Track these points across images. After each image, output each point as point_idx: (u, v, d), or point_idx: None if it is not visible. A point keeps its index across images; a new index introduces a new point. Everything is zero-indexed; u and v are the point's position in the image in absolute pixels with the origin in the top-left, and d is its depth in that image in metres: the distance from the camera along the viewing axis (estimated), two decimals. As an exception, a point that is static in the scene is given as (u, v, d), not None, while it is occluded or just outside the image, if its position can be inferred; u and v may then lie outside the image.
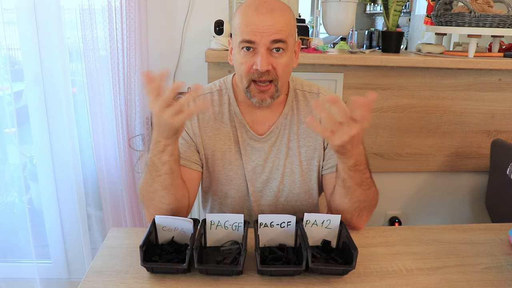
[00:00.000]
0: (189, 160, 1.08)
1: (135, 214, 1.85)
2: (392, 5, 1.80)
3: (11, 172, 1.91)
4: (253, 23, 0.94)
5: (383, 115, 1.84)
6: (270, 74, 0.97)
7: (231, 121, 1.09)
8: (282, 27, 0.95)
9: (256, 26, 0.94)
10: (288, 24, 0.97)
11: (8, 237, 1.93)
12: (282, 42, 0.95)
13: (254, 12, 0.95)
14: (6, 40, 1.65)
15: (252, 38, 0.95)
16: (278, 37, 0.95)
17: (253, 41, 0.95)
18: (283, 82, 1.02)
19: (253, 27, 0.94)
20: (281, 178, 1.11)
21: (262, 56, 0.95)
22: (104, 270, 0.89)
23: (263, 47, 0.95)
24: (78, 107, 1.78)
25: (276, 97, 1.02)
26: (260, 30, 0.94)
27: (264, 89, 0.99)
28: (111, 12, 1.58)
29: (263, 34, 0.94)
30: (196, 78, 1.82)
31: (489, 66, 1.75)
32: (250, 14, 0.96)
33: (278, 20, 0.95)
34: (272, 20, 0.94)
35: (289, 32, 0.97)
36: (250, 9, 0.96)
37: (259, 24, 0.94)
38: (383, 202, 1.16)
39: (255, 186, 1.11)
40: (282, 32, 0.95)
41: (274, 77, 0.98)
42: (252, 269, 0.89)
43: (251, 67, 0.97)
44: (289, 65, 1.00)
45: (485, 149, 1.90)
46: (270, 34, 0.94)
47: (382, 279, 0.88)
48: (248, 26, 0.95)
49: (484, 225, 1.14)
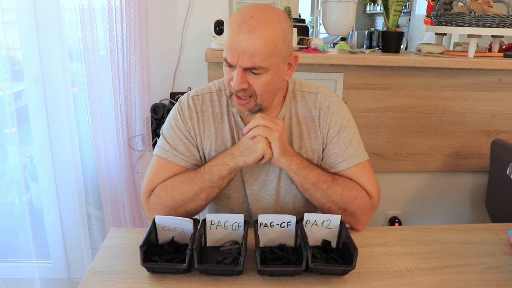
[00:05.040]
0: (191, 161, 1.08)
1: (135, 214, 1.85)
2: (392, 5, 1.80)
3: (11, 172, 1.91)
4: (233, 40, 0.92)
5: (383, 115, 1.84)
6: (246, 91, 0.97)
7: (229, 121, 1.09)
8: (259, 51, 0.91)
9: (235, 45, 0.92)
10: (269, 46, 0.92)
11: (8, 237, 1.93)
12: (256, 69, 0.94)
13: (236, 28, 0.92)
14: (6, 40, 1.65)
15: (229, 59, 0.94)
16: (251, 64, 0.92)
17: (231, 63, 0.94)
18: (264, 99, 1.00)
19: (232, 46, 0.92)
20: (278, 179, 1.10)
21: (237, 76, 0.94)
22: (104, 270, 0.89)
23: (239, 68, 0.94)
24: (78, 107, 1.78)
25: (255, 111, 1.01)
26: (238, 51, 0.91)
27: (242, 103, 0.99)
28: (111, 12, 1.58)
29: (239, 55, 0.92)
30: (196, 78, 1.83)
31: (489, 66, 1.75)
32: (232, 30, 0.93)
33: (256, 43, 0.90)
34: (250, 41, 0.90)
35: (270, 53, 0.92)
36: (234, 24, 0.92)
37: (238, 43, 0.91)
38: (383, 202, 1.16)
39: (252, 188, 1.11)
40: (257, 57, 0.91)
41: (252, 93, 0.98)
42: (252, 269, 0.89)
43: (230, 81, 0.97)
44: (271, 82, 0.98)
45: (485, 149, 1.90)
46: (245, 58, 0.91)
47: (382, 279, 0.88)
48: (229, 42, 0.93)
49: (484, 225, 1.14)
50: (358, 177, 1.07)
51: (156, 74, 1.81)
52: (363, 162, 1.08)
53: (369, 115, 1.83)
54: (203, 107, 1.10)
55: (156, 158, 1.07)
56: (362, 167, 1.08)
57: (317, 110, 1.09)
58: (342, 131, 1.08)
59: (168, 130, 1.09)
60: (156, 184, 1.04)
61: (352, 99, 1.79)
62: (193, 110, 1.09)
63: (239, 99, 0.99)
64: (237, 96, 0.99)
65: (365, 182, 1.07)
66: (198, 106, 1.09)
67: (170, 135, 1.08)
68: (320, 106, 1.10)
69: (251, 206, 1.12)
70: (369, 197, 1.06)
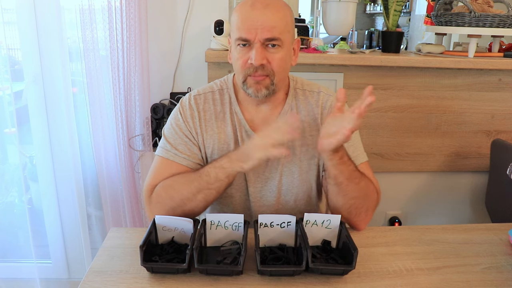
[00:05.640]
0: (192, 160, 1.08)
1: (135, 214, 1.85)
2: (392, 5, 1.80)
3: (11, 172, 1.91)
4: (248, 19, 0.96)
5: (383, 115, 1.84)
6: (265, 69, 0.98)
7: (231, 120, 1.09)
8: (276, 23, 0.95)
9: (251, 21, 0.95)
10: (283, 20, 0.97)
11: (8, 237, 1.93)
12: (275, 40, 0.96)
13: (249, 8, 0.96)
14: (6, 40, 1.65)
15: (247, 36, 0.96)
16: (271, 35, 0.95)
17: (248, 39, 0.96)
18: (280, 78, 1.01)
19: (248, 23, 0.96)
20: (280, 177, 1.11)
21: (256, 51, 0.96)
22: (104, 270, 0.89)
23: (258, 43, 0.96)
24: (78, 107, 1.78)
25: (271, 90, 1.01)
26: (255, 26, 0.95)
27: (259, 80, 0.99)
28: (111, 12, 1.58)
29: (257, 30, 0.95)
30: (196, 78, 1.83)
31: (489, 66, 1.75)
32: (245, 10, 0.97)
33: (272, 16, 0.95)
34: (266, 16, 0.95)
35: (284, 28, 0.97)
36: (245, 6, 0.98)
37: (254, 19, 0.95)
38: (383, 202, 1.16)
39: (254, 186, 1.11)
40: (275, 29, 0.95)
41: (269, 71, 0.99)
42: (252, 269, 0.89)
43: (246, 61, 0.98)
44: (286, 60, 1.01)
45: (485, 149, 1.90)
46: (263, 31, 0.95)
47: (382, 279, 0.88)
48: (244, 22, 0.96)
49: (484, 225, 1.14)
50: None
51: (156, 74, 1.81)
52: (364, 162, 1.08)
53: (369, 115, 1.83)
54: (205, 106, 1.10)
55: (158, 158, 1.08)
56: (364, 167, 1.08)
57: (319, 109, 1.10)
58: None
59: (169, 130, 1.09)
60: (157, 183, 1.04)
61: (352, 99, 1.77)
62: (195, 110, 1.09)
63: (255, 77, 0.99)
64: (253, 76, 0.99)
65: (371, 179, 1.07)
66: (200, 106, 1.09)
67: (171, 135, 1.08)
68: (322, 105, 1.10)
69: (253, 204, 1.12)
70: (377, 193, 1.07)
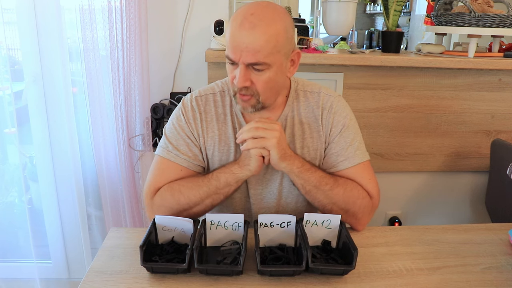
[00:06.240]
0: (193, 161, 1.08)
1: (135, 214, 1.85)
2: (392, 5, 1.80)
3: (11, 172, 1.91)
4: (235, 38, 0.93)
5: (383, 115, 1.84)
6: (249, 89, 0.97)
7: (232, 122, 1.09)
8: (261, 47, 0.91)
9: (236, 42, 0.92)
10: (271, 41, 0.92)
11: (8, 237, 1.93)
12: (260, 64, 0.94)
13: (238, 26, 0.92)
14: (6, 40, 1.65)
15: (232, 56, 0.94)
16: (255, 60, 0.92)
17: (233, 60, 0.95)
18: (266, 96, 1.00)
19: (234, 44, 0.93)
20: (280, 179, 1.11)
21: (240, 72, 0.95)
22: (104, 270, 0.89)
23: (242, 65, 0.94)
24: (78, 107, 1.78)
25: (258, 108, 1.01)
26: (240, 48, 0.92)
27: (244, 99, 0.99)
28: (111, 12, 1.58)
29: (242, 52, 0.92)
30: (196, 78, 1.83)
31: (489, 66, 1.75)
32: (234, 27, 0.93)
33: (259, 40, 0.91)
34: (252, 38, 0.91)
35: (272, 50, 0.93)
36: (236, 22, 0.93)
37: (240, 40, 0.92)
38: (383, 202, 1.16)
39: (255, 188, 1.11)
40: (259, 53, 0.92)
41: (254, 92, 0.98)
42: (252, 269, 0.89)
43: (233, 79, 0.98)
44: (274, 79, 0.98)
45: (485, 149, 1.90)
46: (248, 54, 0.92)
47: (382, 279, 0.88)
48: (230, 41, 0.94)
49: (484, 225, 1.14)
50: (359, 177, 1.07)
51: (156, 74, 1.81)
52: (364, 162, 1.08)
53: (369, 115, 1.83)
54: (206, 108, 1.09)
55: (159, 158, 1.07)
56: (363, 167, 1.08)
57: (319, 109, 1.10)
58: (344, 131, 1.08)
59: (171, 130, 1.09)
60: (161, 185, 1.04)
61: (352, 99, 1.79)
62: (197, 111, 1.09)
63: (242, 95, 0.99)
64: (240, 94, 0.99)
65: (366, 182, 1.07)
66: (202, 107, 1.09)
67: (173, 135, 1.08)
68: (323, 105, 1.10)
69: (254, 206, 1.12)
70: (370, 197, 1.06)
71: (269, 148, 0.97)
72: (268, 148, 0.97)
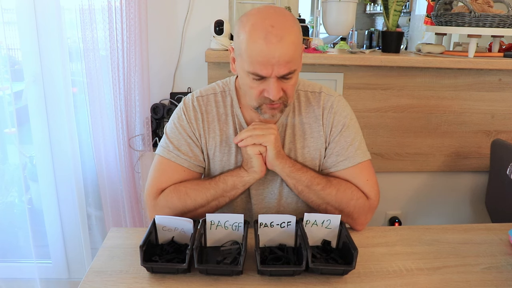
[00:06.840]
0: (194, 162, 1.08)
1: (135, 214, 1.85)
2: (392, 5, 1.80)
3: (11, 172, 1.91)
4: (263, 54, 0.89)
5: (383, 115, 1.84)
6: (281, 98, 0.97)
7: (233, 122, 1.09)
8: (291, 57, 0.90)
9: (266, 58, 0.89)
10: (298, 48, 0.93)
11: (8, 237, 1.93)
12: (292, 73, 0.93)
13: (263, 42, 0.88)
14: (6, 40, 1.65)
15: (262, 73, 0.91)
16: (288, 70, 0.91)
17: (264, 76, 0.92)
18: (292, 98, 1.02)
19: (263, 60, 0.89)
20: (281, 180, 1.10)
21: (273, 86, 0.92)
22: (104, 270, 0.89)
23: (274, 78, 0.92)
24: (78, 107, 1.78)
25: (284, 110, 1.03)
26: (271, 63, 0.89)
27: (276, 107, 0.99)
28: (111, 12, 1.58)
29: (273, 67, 0.90)
30: (196, 78, 1.83)
31: (489, 66, 1.75)
32: (259, 44, 0.88)
33: (288, 50, 0.89)
34: (282, 51, 0.88)
35: (298, 54, 0.94)
36: (258, 38, 0.89)
37: (269, 55, 0.88)
38: (383, 202, 1.16)
39: (256, 188, 1.11)
40: (291, 63, 0.91)
41: (284, 99, 0.98)
42: (252, 269, 0.89)
43: (261, 92, 0.96)
44: (297, 81, 1.00)
45: (485, 149, 1.90)
46: (280, 67, 0.90)
47: (382, 279, 0.88)
48: (257, 57, 0.89)
49: (484, 225, 1.14)
50: (357, 178, 1.07)
51: (156, 74, 1.81)
52: (364, 161, 1.08)
53: (369, 115, 1.83)
54: (207, 108, 1.09)
55: (159, 158, 1.07)
56: (363, 166, 1.08)
57: (320, 109, 1.10)
58: (344, 130, 1.08)
59: (172, 130, 1.08)
60: (163, 185, 1.04)
61: (352, 99, 1.79)
62: (198, 111, 1.08)
63: (273, 105, 0.98)
64: (270, 104, 0.97)
65: (363, 183, 1.07)
66: (203, 107, 1.09)
67: (174, 135, 1.08)
68: (324, 105, 1.10)
69: (255, 206, 1.12)
70: (367, 198, 1.06)
71: (267, 144, 0.99)
72: (265, 143, 0.99)
